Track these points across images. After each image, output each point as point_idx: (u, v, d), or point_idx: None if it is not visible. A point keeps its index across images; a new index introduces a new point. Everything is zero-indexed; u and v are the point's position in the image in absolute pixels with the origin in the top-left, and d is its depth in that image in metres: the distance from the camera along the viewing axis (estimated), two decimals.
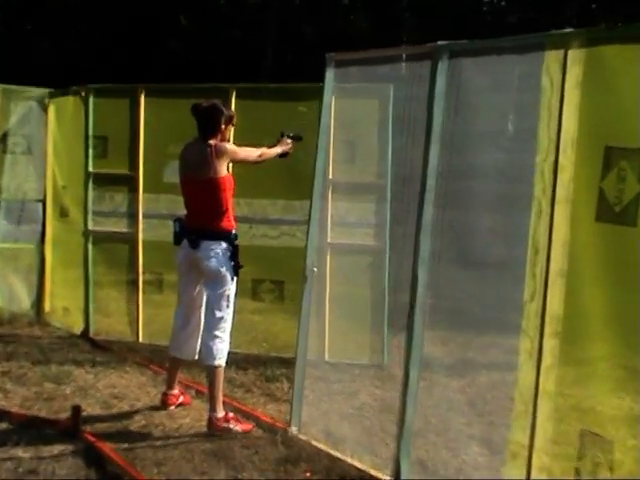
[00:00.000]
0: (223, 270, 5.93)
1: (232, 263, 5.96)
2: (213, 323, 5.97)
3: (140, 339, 8.42)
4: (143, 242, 8.38)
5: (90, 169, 8.45)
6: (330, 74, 5.71)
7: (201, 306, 6.21)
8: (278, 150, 6.33)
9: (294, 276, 8.00)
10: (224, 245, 5.94)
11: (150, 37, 30.43)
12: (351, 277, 7.77)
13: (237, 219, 6.22)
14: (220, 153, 5.89)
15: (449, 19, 35.30)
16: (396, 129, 5.42)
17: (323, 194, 6.07)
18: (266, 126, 7.59)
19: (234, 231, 6.02)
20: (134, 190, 8.37)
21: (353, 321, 7.75)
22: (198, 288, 6.17)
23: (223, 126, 6.02)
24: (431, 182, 4.77)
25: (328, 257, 7.61)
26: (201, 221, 5.98)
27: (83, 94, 8.50)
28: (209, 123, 6.00)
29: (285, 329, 8.10)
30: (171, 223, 8.39)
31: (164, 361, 7.46)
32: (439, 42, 4.80)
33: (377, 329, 7.78)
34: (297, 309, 8.05)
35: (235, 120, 6.16)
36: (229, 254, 5.95)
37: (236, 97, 7.80)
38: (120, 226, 8.64)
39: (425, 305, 4.79)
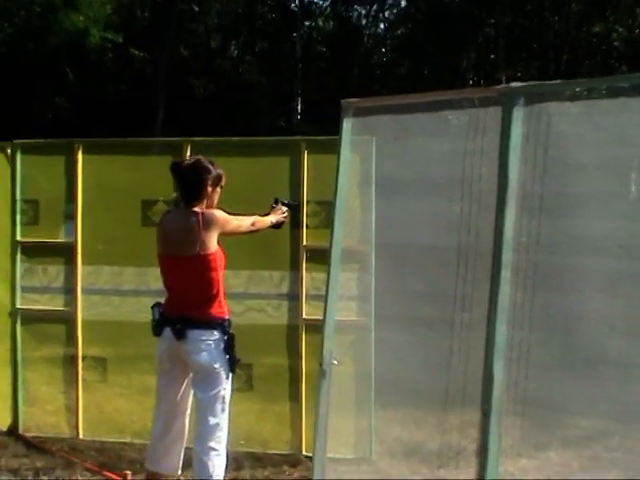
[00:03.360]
0: (217, 366, 4.87)
1: (227, 357, 4.90)
2: (207, 432, 4.87)
3: (81, 435, 7.19)
4: (82, 322, 7.19)
5: (18, 238, 7.24)
6: (348, 125, 4.70)
7: (186, 410, 5.12)
8: (272, 219, 5.38)
9: (264, 358, 7.06)
10: (217, 335, 4.89)
11: (35, 92, 29.20)
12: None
13: None
14: (209, 223, 4.85)
15: (343, 71, 35.21)
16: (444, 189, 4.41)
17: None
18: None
19: (228, 317, 4.95)
20: (71, 262, 7.19)
21: (334, 408, 6.74)
22: (183, 388, 5.06)
23: (210, 189, 4.98)
24: (507, 256, 3.81)
25: (303, 335, 6.82)
26: (187, 306, 4.91)
27: (9, 151, 7.29)
28: (193, 186, 4.95)
29: (256, 420, 7.04)
30: (114, 299, 7.39)
31: (118, 463, 6.39)
32: (513, 84, 3.87)
33: (362, 416, 6.80)
34: (269, 396, 7.10)
35: (224, 180, 5.09)
36: (223, 346, 4.91)
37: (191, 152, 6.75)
38: (55, 304, 7.43)
39: (502, 411, 3.81)
